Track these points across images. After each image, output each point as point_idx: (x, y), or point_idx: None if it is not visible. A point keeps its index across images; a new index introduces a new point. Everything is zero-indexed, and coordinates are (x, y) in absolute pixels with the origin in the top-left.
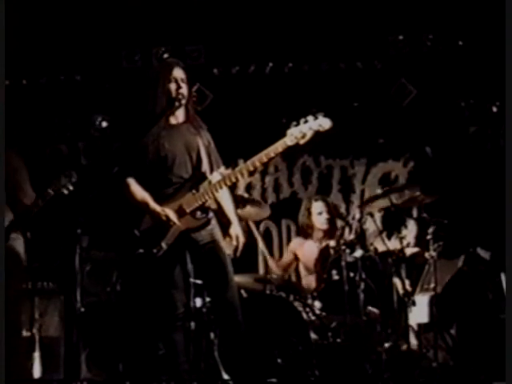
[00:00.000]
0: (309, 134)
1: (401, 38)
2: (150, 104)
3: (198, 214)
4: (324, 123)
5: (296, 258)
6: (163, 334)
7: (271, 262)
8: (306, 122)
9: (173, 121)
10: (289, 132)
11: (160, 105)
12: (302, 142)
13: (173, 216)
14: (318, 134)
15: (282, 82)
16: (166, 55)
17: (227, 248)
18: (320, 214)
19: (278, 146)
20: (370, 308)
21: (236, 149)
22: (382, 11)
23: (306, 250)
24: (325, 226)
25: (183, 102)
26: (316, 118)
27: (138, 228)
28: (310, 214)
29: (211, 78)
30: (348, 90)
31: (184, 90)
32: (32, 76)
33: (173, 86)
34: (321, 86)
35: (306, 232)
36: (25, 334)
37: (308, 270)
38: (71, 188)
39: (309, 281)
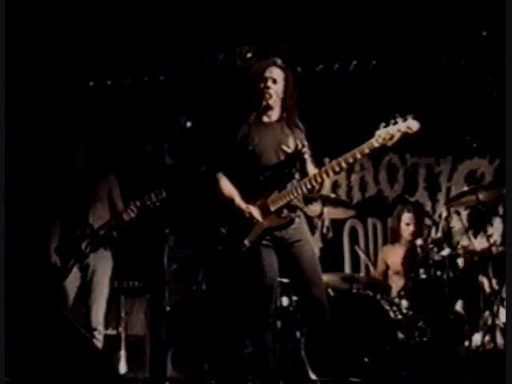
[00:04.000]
0: (397, 136)
1: (484, 34)
2: (241, 102)
3: (285, 212)
4: (412, 125)
5: (386, 266)
6: (253, 332)
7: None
8: (395, 123)
9: (265, 119)
10: (377, 133)
11: (249, 103)
12: (389, 143)
13: (256, 213)
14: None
15: (366, 80)
16: (249, 54)
17: (315, 246)
18: (407, 225)
19: (365, 148)
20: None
21: (321, 147)
22: (465, 8)
23: (397, 256)
24: (409, 238)
25: (271, 101)
26: (405, 119)
27: (225, 226)
28: (399, 221)
29: (295, 77)
30: (432, 87)
31: (273, 89)
32: (116, 77)
33: (262, 86)
34: (405, 84)
35: (393, 236)
36: (110, 332)
37: (397, 274)
38: (157, 204)
39: (398, 284)
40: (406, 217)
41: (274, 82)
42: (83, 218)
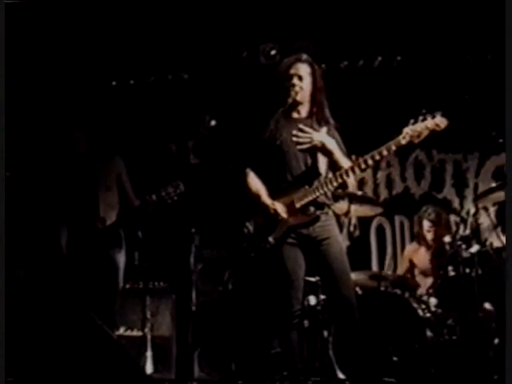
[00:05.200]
0: (424, 133)
1: None
2: (268, 100)
3: (311, 209)
4: (440, 122)
5: (411, 264)
6: (280, 332)
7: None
8: (423, 120)
9: (295, 115)
10: (404, 130)
11: (276, 101)
12: (416, 141)
13: (281, 210)
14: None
15: (391, 76)
16: (273, 52)
17: (343, 243)
18: (428, 231)
19: (392, 145)
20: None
21: (347, 144)
22: (491, 2)
23: (422, 255)
24: (431, 242)
25: (298, 97)
26: (434, 116)
27: (251, 223)
28: (421, 227)
29: None
30: (458, 83)
31: (299, 86)
32: (139, 76)
33: (288, 83)
34: (430, 79)
35: (417, 237)
36: (136, 333)
37: (423, 274)
38: (175, 198)
39: (424, 283)
40: (426, 224)
41: (300, 78)
42: (94, 210)
